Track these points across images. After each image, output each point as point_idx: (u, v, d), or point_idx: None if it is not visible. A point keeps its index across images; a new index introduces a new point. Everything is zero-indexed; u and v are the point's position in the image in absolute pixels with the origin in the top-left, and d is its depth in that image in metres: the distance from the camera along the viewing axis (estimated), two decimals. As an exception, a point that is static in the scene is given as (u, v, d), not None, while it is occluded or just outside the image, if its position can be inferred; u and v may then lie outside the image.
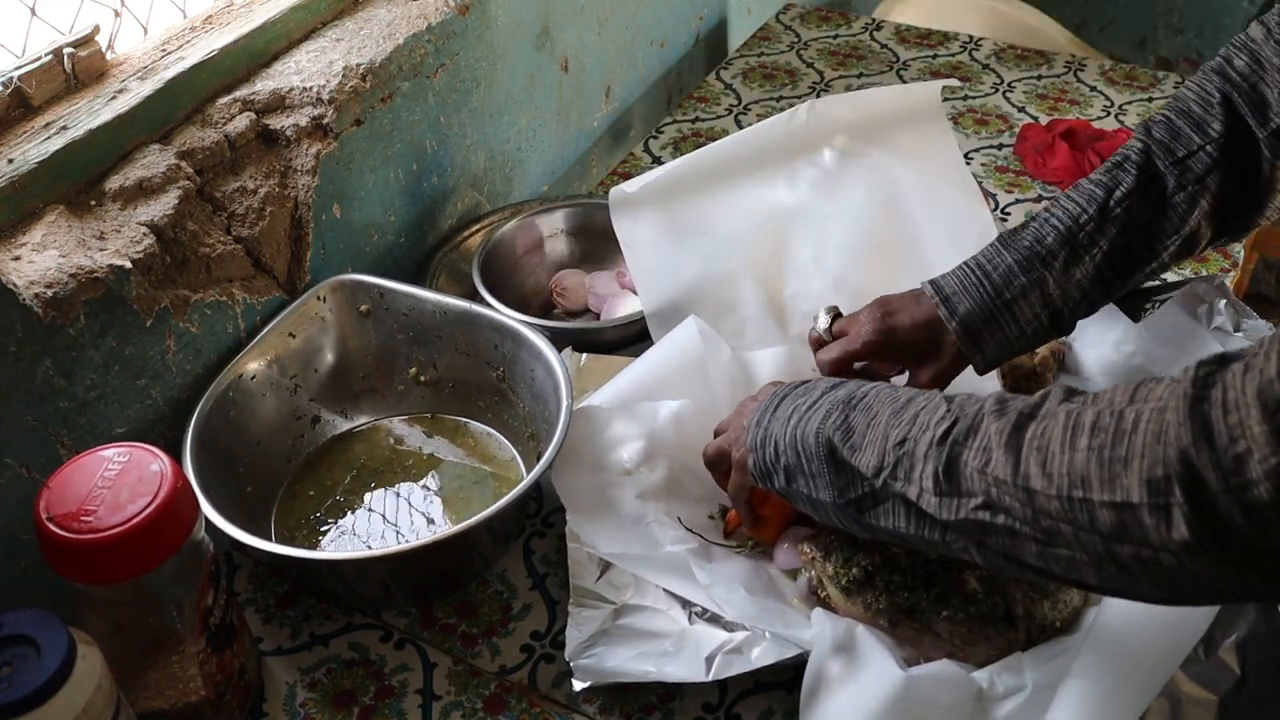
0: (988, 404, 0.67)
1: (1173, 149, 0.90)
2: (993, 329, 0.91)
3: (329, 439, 1.06)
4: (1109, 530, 0.58)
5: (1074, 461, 0.59)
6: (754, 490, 0.87)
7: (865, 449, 0.72)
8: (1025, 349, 0.94)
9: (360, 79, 1.06)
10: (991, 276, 0.91)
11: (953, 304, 0.92)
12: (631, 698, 0.85)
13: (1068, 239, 0.91)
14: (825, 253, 1.14)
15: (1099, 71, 1.63)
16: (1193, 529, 0.55)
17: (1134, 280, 0.93)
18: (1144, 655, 0.76)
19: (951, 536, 0.68)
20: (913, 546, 0.75)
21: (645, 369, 1.03)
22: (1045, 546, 0.63)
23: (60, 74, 0.93)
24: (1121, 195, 0.90)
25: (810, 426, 0.76)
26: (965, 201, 1.17)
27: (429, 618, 0.92)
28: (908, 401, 0.73)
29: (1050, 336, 0.93)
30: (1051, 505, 0.61)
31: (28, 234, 0.85)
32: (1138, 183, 0.90)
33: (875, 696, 0.76)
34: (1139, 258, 0.92)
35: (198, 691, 0.79)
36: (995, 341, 0.92)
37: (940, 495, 0.67)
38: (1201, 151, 0.89)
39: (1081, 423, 0.60)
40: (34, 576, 0.85)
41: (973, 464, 0.65)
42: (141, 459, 0.74)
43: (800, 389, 0.81)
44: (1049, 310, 0.91)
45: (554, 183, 1.49)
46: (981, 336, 0.92)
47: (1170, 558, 0.56)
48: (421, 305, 1.05)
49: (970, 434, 0.66)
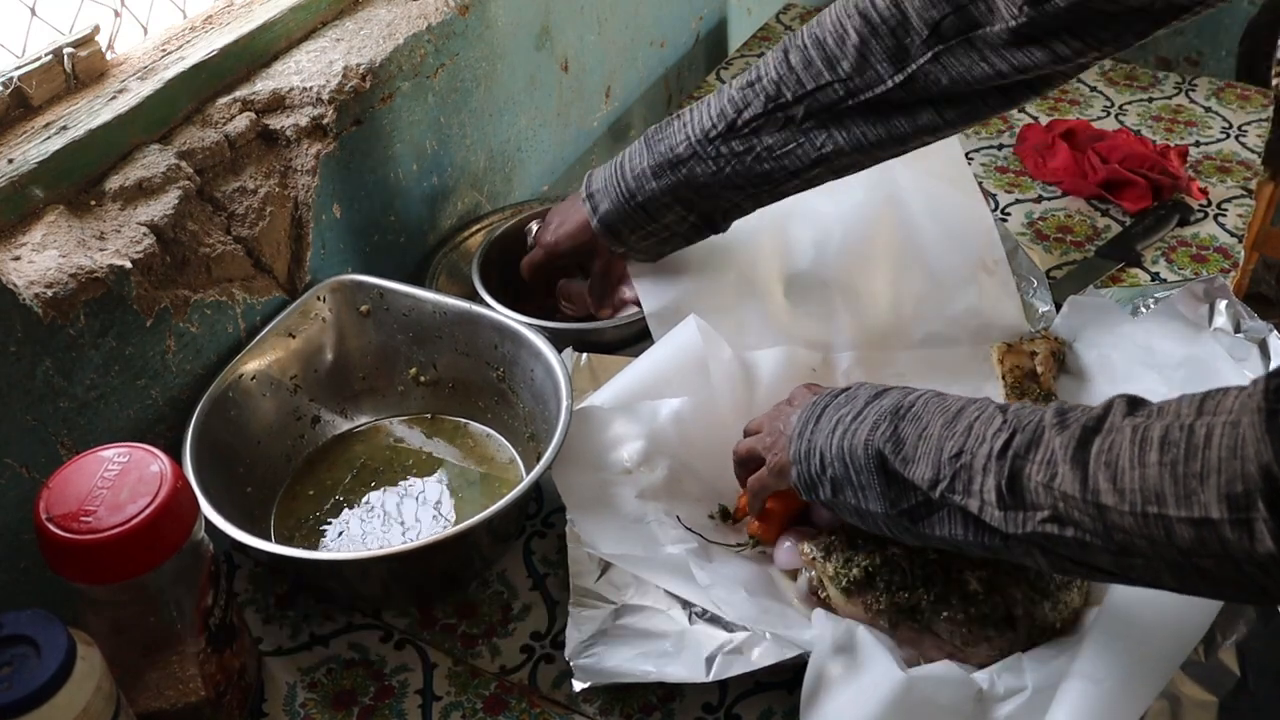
0: (1048, 416, 0.67)
1: (803, 80, 0.94)
2: (634, 227, 1.02)
3: (329, 439, 1.06)
4: (1188, 545, 0.59)
5: (1146, 477, 0.59)
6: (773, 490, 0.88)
7: (918, 461, 0.72)
8: (682, 243, 1.04)
9: (360, 79, 1.06)
10: (627, 179, 1.01)
11: (596, 200, 1.02)
12: (631, 698, 0.85)
13: (695, 150, 0.97)
14: (825, 253, 1.14)
15: (1099, 71, 1.63)
16: (1278, 541, 0.55)
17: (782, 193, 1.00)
18: (1144, 656, 0.76)
19: (1015, 545, 0.68)
20: (966, 553, 0.75)
21: (645, 368, 1.02)
22: (1120, 557, 0.63)
23: (60, 74, 0.93)
24: (750, 116, 0.95)
25: (858, 438, 0.76)
26: (965, 201, 1.17)
27: (429, 618, 0.92)
28: (959, 411, 0.73)
29: (709, 233, 1.04)
30: (1125, 521, 0.61)
31: (28, 234, 0.85)
32: (764, 108, 0.95)
33: (875, 697, 0.76)
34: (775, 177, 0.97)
35: (198, 691, 0.79)
36: (639, 236, 1.02)
37: (1004, 509, 0.67)
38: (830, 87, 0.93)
39: (1150, 437, 0.60)
40: (34, 576, 0.85)
41: (1037, 478, 0.65)
42: (141, 459, 0.74)
43: (841, 398, 0.81)
44: (696, 212, 1.00)
45: (554, 183, 1.49)
46: (621, 232, 1.03)
47: (1255, 569, 0.57)
48: (421, 305, 1.05)
49: (1032, 447, 0.66)
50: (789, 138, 0.95)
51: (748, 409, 0.99)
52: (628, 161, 1.01)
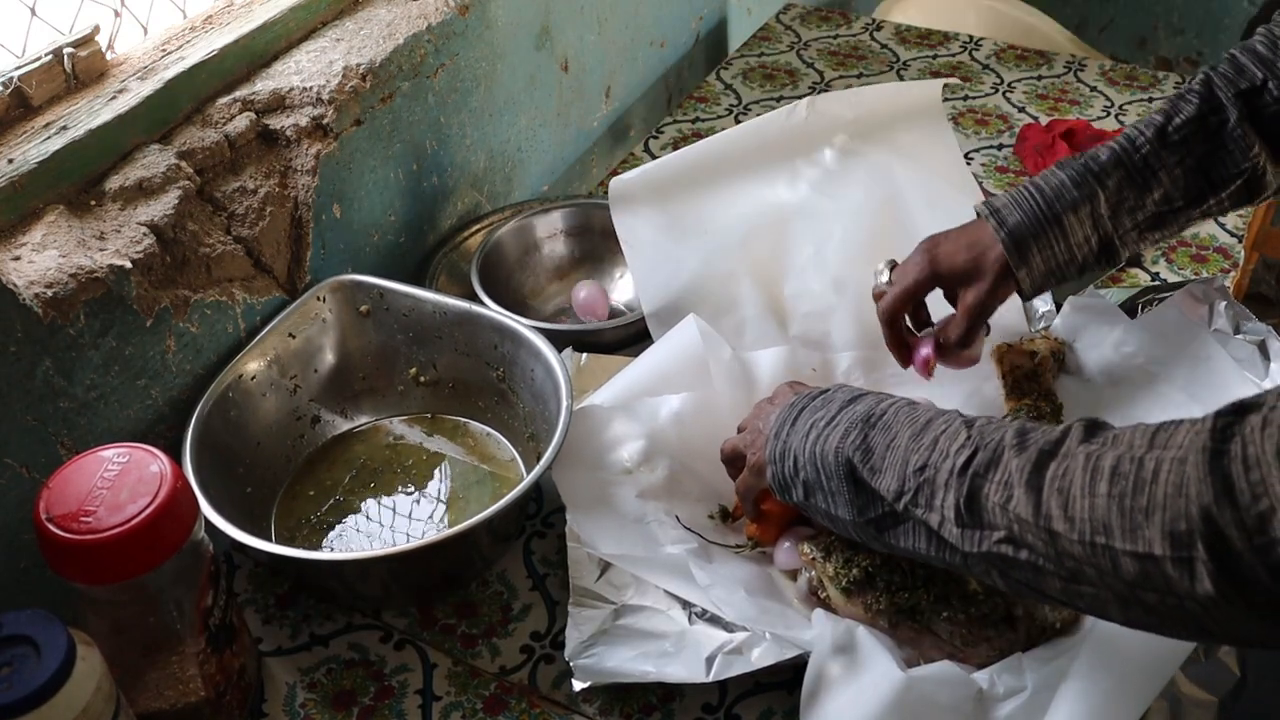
0: (1008, 435, 0.67)
1: (1235, 81, 0.89)
2: (1041, 244, 0.91)
3: (329, 439, 1.06)
4: (1132, 578, 0.59)
5: (1095, 507, 0.60)
6: (761, 490, 0.88)
7: (885, 472, 0.72)
8: (1072, 275, 0.93)
9: (360, 79, 1.06)
10: (1043, 189, 0.92)
11: (1002, 215, 0.92)
12: (631, 698, 0.85)
13: (1122, 159, 0.90)
14: (825, 252, 1.14)
15: (1099, 71, 1.63)
16: (1216, 584, 0.55)
17: (1189, 218, 0.92)
18: (1144, 656, 0.76)
19: (974, 563, 0.68)
20: (933, 565, 0.75)
21: (645, 368, 1.02)
22: (1069, 583, 0.63)
23: (60, 74, 0.93)
24: (1180, 122, 0.89)
25: (829, 444, 0.77)
26: (965, 201, 1.17)
27: (429, 618, 0.92)
28: (926, 423, 0.73)
29: (1098, 266, 0.93)
30: (1074, 549, 0.61)
31: (28, 234, 0.85)
32: (1198, 111, 0.89)
33: (875, 697, 0.76)
34: (1197, 191, 0.90)
35: (198, 691, 0.79)
36: (1042, 257, 0.91)
37: (962, 526, 0.67)
38: (1264, 87, 0.87)
39: (1101, 467, 0.60)
40: (34, 576, 0.85)
41: (994, 498, 0.65)
42: (141, 459, 0.74)
43: (818, 400, 0.81)
44: (1099, 234, 0.90)
45: (554, 183, 1.49)
46: (1029, 249, 0.91)
47: (1196, 606, 0.57)
48: (421, 305, 1.05)
49: (991, 467, 0.66)
50: (1218, 147, 0.89)
51: (747, 409, 0.99)
52: (1039, 179, 0.92)
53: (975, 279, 0.94)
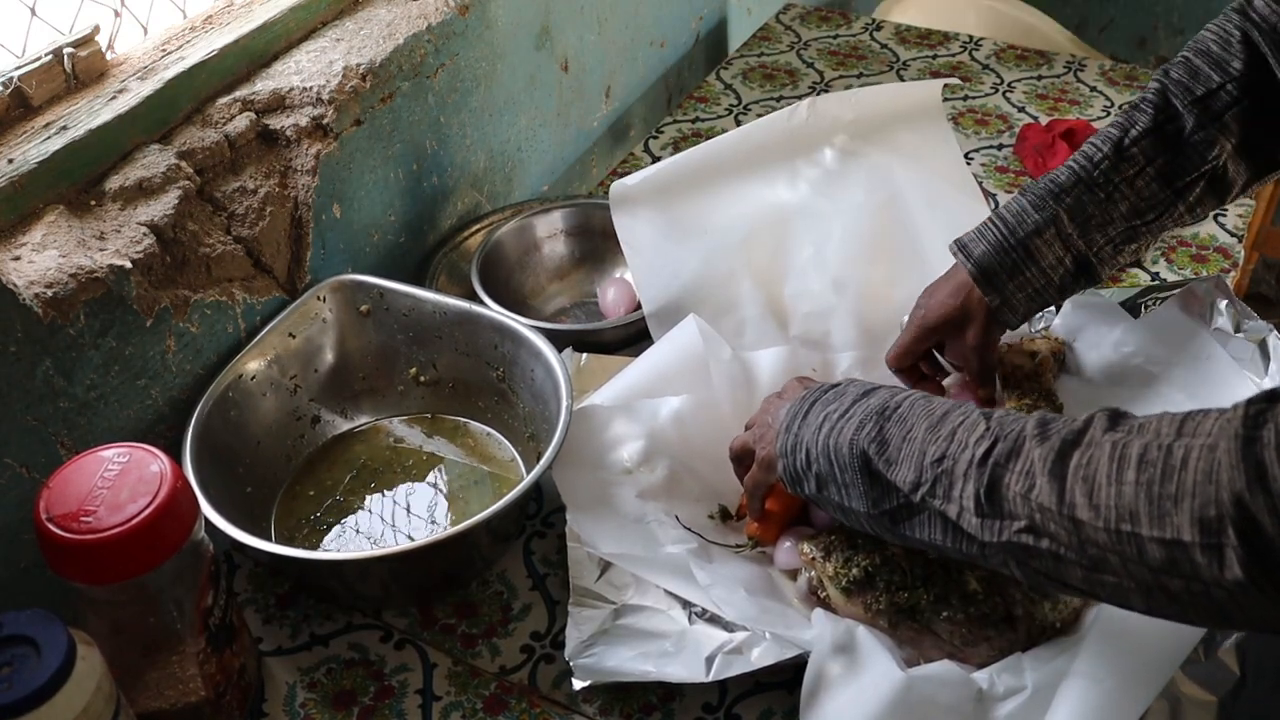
0: (1029, 426, 0.67)
1: (1191, 87, 0.89)
2: (1012, 272, 0.92)
3: (329, 439, 1.06)
4: (1158, 565, 0.59)
5: (1122, 495, 0.60)
6: (770, 486, 0.88)
7: (901, 464, 0.72)
8: (1054, 297, 0.94)
9: (360, 79, 1.06)
10: (1005, 219, 0.93)
11: (969, 249, 0.94)
12: (631, 698, 0.85)
13: (1081, 177, 0.91)
14: (825, 252, 1.14)
15: (1099, 71, 1.63)
16: (1247, 570, 0.55)
17: (1161, 227, 0.92)
18: (1144, 655, 0.76)
19: (991, 554, 0.68)
20: (947, 557, 0.75)
21: (645, 368, 1.03)
22: (1091, 572, 0.63)
23: (60, 74, 0.93)
24: (1137, 134, 0.90)
25: (844, 437, 0.76)
26: (965, 201, 1.17)
27: (429, 618, 0.92)
28: (943, 416, 0.73)
29: (1078, 286, 0.94)
30: (1099, 536, 0.61)
31: (28, 234, 0.85)
32: (1154, 121, 0.89)
33: (875, 697, 0.76)
34: (1161, 201, 0.90)
35: (198, 691, 0.79)
36: (1016, 284, 0.92)
37: (982, 516, 0.67)
38: (1221, 90, 0.88)
39: (1128, 455, 0.60)
40: (34, 576, 0.85)
41: (1015, 488, 0.65)
42: (141, 459, 0.74)
43: (830, 394, 0.81)
44: (1073, 253, 0.91)
45: (554, 183, 1.49)
46: (999, 279, 0.92)
47: (1222, 593, 0.57)
48: (421, 305, 1.05)
49: (1012, 457, 0.66)
50: (1176, 155, 0.89)
51: (748, 409, 0.99)
52: (1002, 208, 0.94)
53: (969, 322, 0.96)
